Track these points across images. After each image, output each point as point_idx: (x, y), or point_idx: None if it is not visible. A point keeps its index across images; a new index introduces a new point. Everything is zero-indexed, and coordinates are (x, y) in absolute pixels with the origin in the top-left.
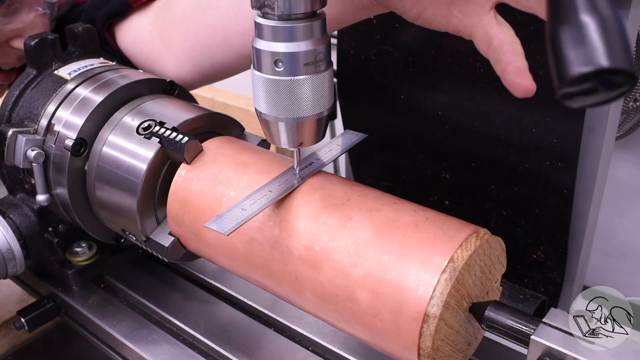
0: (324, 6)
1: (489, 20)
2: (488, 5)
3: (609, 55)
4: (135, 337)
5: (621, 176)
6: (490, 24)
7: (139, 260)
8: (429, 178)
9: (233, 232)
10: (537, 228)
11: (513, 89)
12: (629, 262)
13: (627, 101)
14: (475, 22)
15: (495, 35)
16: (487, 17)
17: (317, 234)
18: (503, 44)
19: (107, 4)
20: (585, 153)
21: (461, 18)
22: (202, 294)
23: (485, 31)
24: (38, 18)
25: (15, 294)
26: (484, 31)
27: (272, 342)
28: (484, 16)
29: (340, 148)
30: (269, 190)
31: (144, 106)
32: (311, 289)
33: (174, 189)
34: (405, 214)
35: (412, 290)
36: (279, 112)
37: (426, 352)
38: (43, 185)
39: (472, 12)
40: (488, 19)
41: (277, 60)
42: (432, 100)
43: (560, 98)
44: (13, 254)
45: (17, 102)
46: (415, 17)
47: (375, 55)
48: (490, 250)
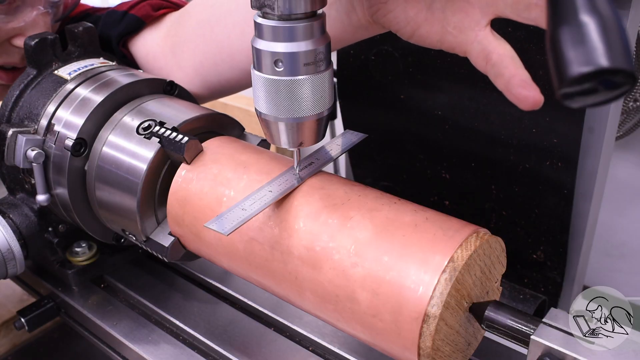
0: (324, 6)
1: (486, 36)
2: (484, 21)
3: (609, 55)
4: (135, 337)
5: (621, 176)
6: (487, 39)
7: (139, 260)
8: (429, 178)
9: (233, 232)
10: (537, 228)
11: (520, 102)
12: (629, 262)
13: (627, 101)
14: (470, 39)
15: (493, 49)
16: (483, 33)
17: (317, 234)
18: (503, 58)
19: (121, 21)
20: (585, 153)
21: (456, 35)
22: (202, 294)
23: (482, 47)
24: (40, 17)
25: (15, 294)
26: (480, 47)
27: (272, 342)
28: (479, 32)
29: (340, 148)
30: (269, 190)
31: (144, 106)
32: (311, 289)
33: (174, 189)
34: (405, 214)
35: (412, 290)
36: (279, 112)
37: (426, 352)
38: (43, 185)
39: (468, 28)
40: (484, 34)
41: (277, 60)
42: (432, 100)
43: (560, 98)
44: (13, 254)
45: (17, 102)
46: (410, 35)
47: (375, 55)
48: (490, 250)
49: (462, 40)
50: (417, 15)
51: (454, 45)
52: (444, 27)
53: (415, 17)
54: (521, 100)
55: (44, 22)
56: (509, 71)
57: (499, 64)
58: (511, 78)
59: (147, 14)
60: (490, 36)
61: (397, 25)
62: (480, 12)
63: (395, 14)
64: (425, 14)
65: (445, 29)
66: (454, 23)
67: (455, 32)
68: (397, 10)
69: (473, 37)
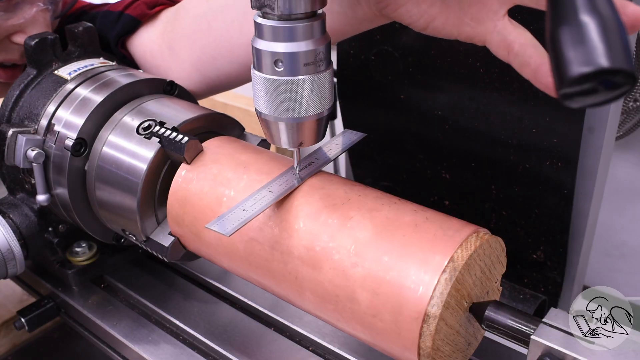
0: (324, 6)
1: (505, 26)
2: (502, 11)
3: (609, 55)
4: (135, 337)
5: (621, 176)
6: (507, 29)
7: (139, 260)
8: (429, 178)
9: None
10: (537, 228)
11: (551, 90)
12: (629, 262)
13: (627, 101)
14: (489, 29)
15: (514, 39)
16: (502, 22)
17: (317, 234)
18: (526, 48)
19: (117, 22)
20: (585, 153)
21: (474, 26)
22: (202, 294)
23: (502, 37)
24: (40, 14)
25: (15, 294)
26: (500, 37)
27: (272, 342)
28: (498, 22)
29: (340, 147)
30: (270, 190)
31: (144, 106)
32: (311, 289)
33: (174, 189)
34: (405, 214)
35: (412, 290)
36: (279, 112)
37: (426, 352)
38: (43, 185)
39: (486, 18)
40: (503, 24)
41: (277, 60)
42: (432, 100)
43: (560, 98)
44: (13, 254)
45: (17, 102)
46: (424, 27)
47: (375, 55)
48: (490, 250)
49: (480, 31)
50: (430, 8)
51: (472, 36)
52: (460, 19)
53: (429, 9)
54: (552, 89)
55: (44, 19)
56: (534, 60)
57: (522, 53)
58: (539, 67)
59: (142, 13)
60: (509, 25)
61: (409, 18)
62: (498, 2)
63: (408, 8)
64: (440, 6)
65: (462, 20)
66: (471, 14)
67: (473, 23)
68: (409, 4)
69: (492, 27)
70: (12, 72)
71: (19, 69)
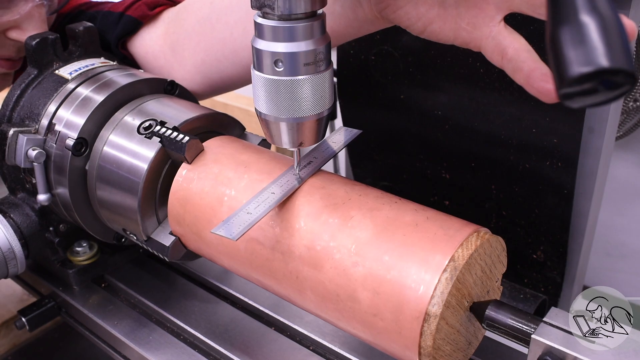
0: (324, 6)
1: (500, 31)
2: (498, 17)
3: (609, 55)
4: (136, 336)
5: (621, 176)
6: (502, 34)
7: (140, 259)
8: (429, 178)
9: None
10: (537, 228)
11: (542, 95)
12: (629, 262)
13: (627, 101)
14: (485, 34)
15: (509, 44)
16: (498, 28)
17: (318, 234)
18: (520, 52)
19: (118, 24)
20: (585, 153)
21: (470, 31)
22: (203, 293)
23: (497, 42)
24: (35, 9)
25: (16, 293)
26: (495, 42)
27: (273, 342)
28: (493, 27)
29: (337, 145)
30: (272, 192)
31: (145, 106)
32: (312, 288)
33: (174, 189)
34: (406, 213)
35: (412, 290)
36: (279, 112)
37: (427, 351)
38: (44, 185)
39: (482, 24)
40: (499, 29)
41: (277, 60)
42: (432, 100)
43: (560, 98)
44: (14, 254)
45: (18, 101)
46: (421, 31)
47: (375, 55)
48: (490, 250)
49: (476, 36)
50: (428, 12)
51: (468, 41)
52: (457, 23)
53: (427, 13)
54: (544, 94)
55: (39, 15)
56: (527, 65)
57: (515, 58)
58: (531, 72)
59: (143, 14)
60: (504, 31)
61: (407, 21)
62: (495, 8)
63: (406, 10)
64: (438, 10)
65: (458, 25)
66: (467, 19)
67: (469, 28)
68: (407, 6)
69: (487, 33)
70: (12, 63)
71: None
